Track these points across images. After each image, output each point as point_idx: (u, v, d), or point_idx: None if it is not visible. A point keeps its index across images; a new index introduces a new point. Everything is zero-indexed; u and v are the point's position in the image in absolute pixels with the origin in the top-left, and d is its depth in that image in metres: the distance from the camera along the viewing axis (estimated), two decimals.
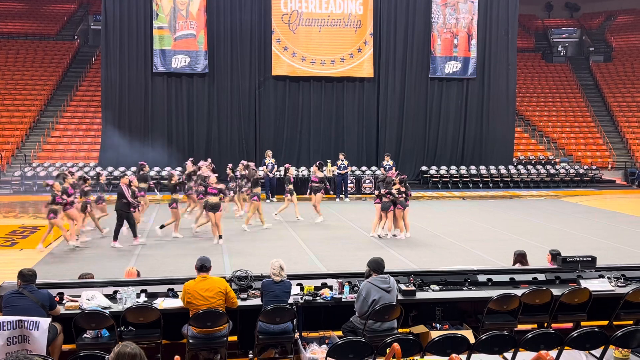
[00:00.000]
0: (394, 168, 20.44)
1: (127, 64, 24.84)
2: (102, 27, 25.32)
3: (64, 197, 13.16)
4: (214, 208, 13.56)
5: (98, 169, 17.27)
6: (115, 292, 6.91)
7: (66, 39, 35.00)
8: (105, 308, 6.57)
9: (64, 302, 6.77)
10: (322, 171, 17.13)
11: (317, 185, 16.69)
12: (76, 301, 6.70)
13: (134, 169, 23.67)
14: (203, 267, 6.68)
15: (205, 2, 24.98)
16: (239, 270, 7.42)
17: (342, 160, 21.91)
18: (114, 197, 14.14)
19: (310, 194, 16.79)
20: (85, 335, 6.53)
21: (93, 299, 6.64)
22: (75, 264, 11.68)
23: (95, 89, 29.76)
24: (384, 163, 21.82)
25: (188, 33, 24.91)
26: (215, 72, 25.41)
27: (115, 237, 13.38)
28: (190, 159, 17.79)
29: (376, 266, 6.81)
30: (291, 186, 16.77)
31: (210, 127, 25.49)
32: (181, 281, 7.34)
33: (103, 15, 25.07)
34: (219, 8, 25.31)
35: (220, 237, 13.78)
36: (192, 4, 24.84)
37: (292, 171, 17.95)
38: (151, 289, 7.19)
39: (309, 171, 24.31)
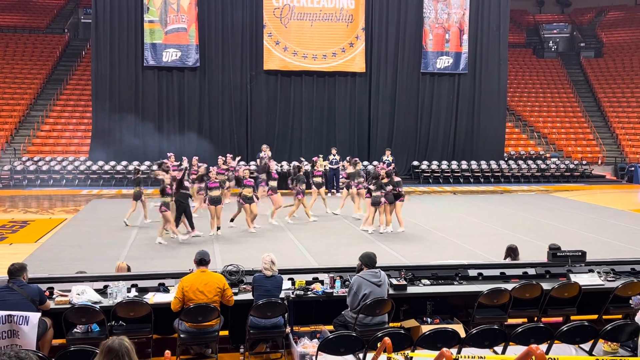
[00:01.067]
0: (393, 164, 20.44)
1: (117, 58, 24.69)
2: (93, 21, 25.15)
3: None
4: (216, 202, 13.83)
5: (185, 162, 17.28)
6: (106, 286, 6.89)
7: (56, 32, 34.73)
8: (96, 303, 6.54)
9: (54, 296, 6.75)
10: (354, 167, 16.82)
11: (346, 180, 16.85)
12: (66, 296, 6.68)
13: (140, 163, 23.68)
14: (202, 260, 6.67)
15: None
16: (230, 265, 7.42)
17: (334, 155, 21.92)
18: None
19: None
20: (75, 330, 6.51)
21: (83, 294, 6.61)
22: (68, 258, 11.64)
23: (86, 82, 29.57)
24: (384, 158, 21.83)
25: (179, 27, 24.78)
26: (206, 66, 25.31)
27: (192, 227, 13.68)
28: (195, 157, 18.02)
29: (368, 260, 6.82)
30: (319, 179, 16.81)
31: (202, 121, 25.40)
32: (172, 276, 7.33)
33: (93, 9, 24.89)
34: (210, 2, 25.19)
35: (218, 228, 14.03)
36: None
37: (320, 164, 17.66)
38: (142, 283, 7.17)
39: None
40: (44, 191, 22.48)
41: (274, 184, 15.53)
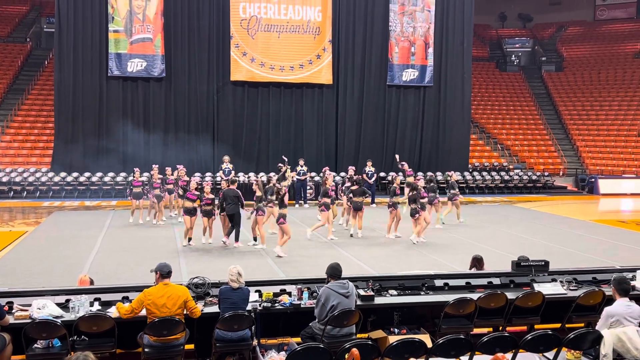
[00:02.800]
0: (376, 175, 20.91)
1: (81, 68, 24.28)
2: (56, 30, 24.69)
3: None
4: (190, 212, 14.06)
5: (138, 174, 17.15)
6: (68, 300, 6.73)
7: (17, 41, 34.06)
8: (57, 317, 6.38)
9: (13, 311, 6.55)
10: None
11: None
12: (26, 310, 6.49)
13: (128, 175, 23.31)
14: (168, 273, 6.57)
15: (163, 6, 24.66)
16: (196, 277, 7.32)
17: (302, 167, 21.91)
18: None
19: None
20: (35, 345, 6.33)
21: (44, 308, 6.44)
22: (29, 271, 11.34)
23: (48, 92, 29.01)
24: (366, 169, 21.84)
25: (144, 37, 24.53)
26: (172, 77, 25.08)
27: (237, 238, 14.03)
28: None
29: (332, 272, 6.80)
30: (327, 199, 15.05)
31: (167, 132, 25.08)
32: (136, 289, 7.19)
33: (57, 18, 24.45)
34: (177, 12, 25.01)
35: (189, 239, 14.06)
36: (149, 8, 24.49)
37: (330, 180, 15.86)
38: (105, 297, 7.02)
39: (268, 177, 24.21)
40: (3, 203, 21.91)
41: (326, 200, 15.08)
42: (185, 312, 6.52)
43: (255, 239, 14.15)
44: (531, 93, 37.24)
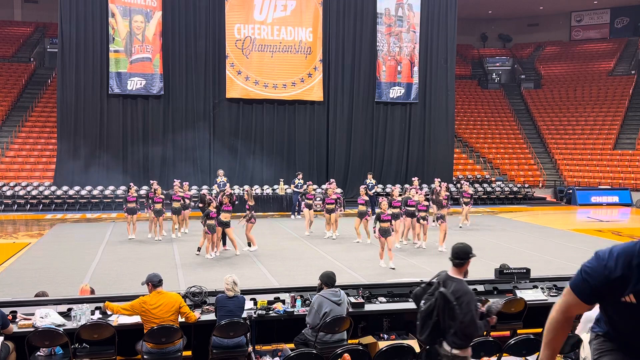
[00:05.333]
0: (376, 186, 21.19)
1: (82, 86, 24.25)
2: (59, 50, 24.68)
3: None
4: (159, 213, 15.59)
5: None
6: (70, 309, 6.67)
7: (22, 61, 33.96)
8: (59, 325, 6.32)
9: (17, 320, 6.48)
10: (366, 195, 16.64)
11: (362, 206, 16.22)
12: (29, 319, 6.43)
13: (124, 187, 23.21)
14: (159, 282, 6.53)
15: (161, 27, 24.73)
16: (193, 286, 7.29)
17: (300, 180, 21.90)
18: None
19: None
20: (38, 353, 6.26)
21: (47, 317, 6.38)
22: (31, 282, 11.23)
23: (51, 110, 28.91)
24: (367, 181, 21.72)
25: (144, 56, 24.55)
26: (170, 94, 25.09)
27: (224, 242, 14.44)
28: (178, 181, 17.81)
29: (327, 280, 6.79)
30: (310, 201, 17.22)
31: (165, 147, 25.06)
32: (136, 297, 7.14)
33: (59, 39, 24.45)
34: (175, 33, 25.08)
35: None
36: (147, 29, 24.53)
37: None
38: None
39: (262, 189, 24.25)
40: (7, 216, 21.74)
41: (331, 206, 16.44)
42: (181, 318, 6.48)
43: (249, 244, 14.47)
44: (511, 109, 37.51)
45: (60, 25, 24.24)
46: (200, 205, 14.05)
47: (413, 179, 19.86)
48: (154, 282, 6.53)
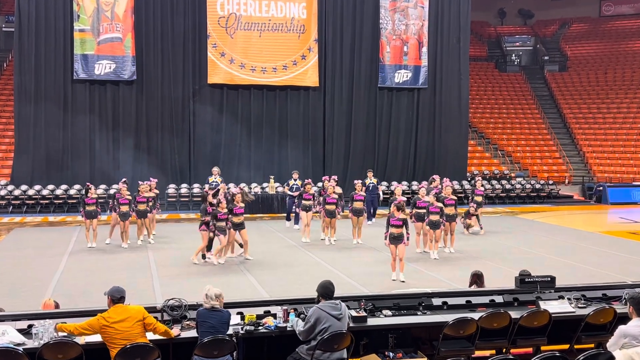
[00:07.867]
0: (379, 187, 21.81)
1: (43, 70, 24.16)
2: (16, 29, 24.56)
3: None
4: (125, 216, 15.85)
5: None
6: (30, 326, 6.65)
7: None
8: (19, 345, 6.30)
9: None
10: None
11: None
12: None
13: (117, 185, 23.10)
14: (121, 298, 6.52)
15: (133, 3, 24.64)
16: (172, 299, 7.26)
17: (295, 180, 21.22)
18: None
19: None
20: None
21: (4, 335, 6.36)
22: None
23: (7, 97, 28.83)
24: (367, 181, 21.43)
25: (113, 36, 24.48)
26: (144, 80, 25.04)
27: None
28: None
29: (324, 291, 6.79)
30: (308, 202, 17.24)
31: (139, 139, 25.00)
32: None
33: (16, 16, 24.34)
34: (148, 9, 25.01)
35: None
36: (117, 5, 24.45)
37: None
38: (72, 321, 6.94)
39: (250, 188, 24.20)
40: None
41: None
42: (148, 332, 6.47)
43: (241, 245, 14.77)
44: (533, 95, 37.58)
45: (18, 0, 24.15)
46: (210, 203, 13.98)
47: (433, 176, 19.56)
48: (114, 298, 6.53)
